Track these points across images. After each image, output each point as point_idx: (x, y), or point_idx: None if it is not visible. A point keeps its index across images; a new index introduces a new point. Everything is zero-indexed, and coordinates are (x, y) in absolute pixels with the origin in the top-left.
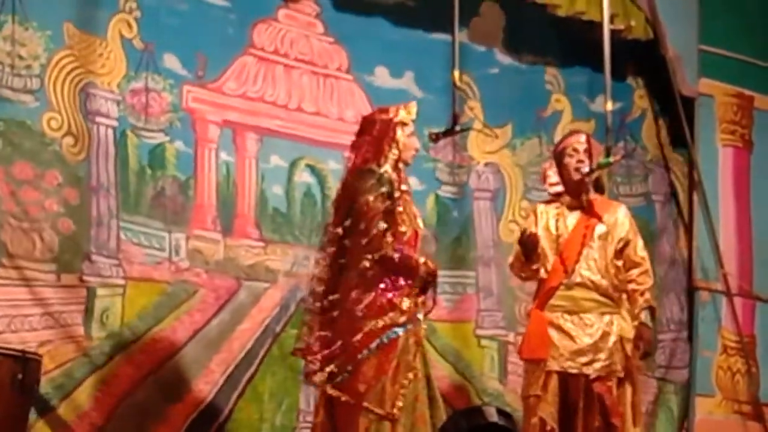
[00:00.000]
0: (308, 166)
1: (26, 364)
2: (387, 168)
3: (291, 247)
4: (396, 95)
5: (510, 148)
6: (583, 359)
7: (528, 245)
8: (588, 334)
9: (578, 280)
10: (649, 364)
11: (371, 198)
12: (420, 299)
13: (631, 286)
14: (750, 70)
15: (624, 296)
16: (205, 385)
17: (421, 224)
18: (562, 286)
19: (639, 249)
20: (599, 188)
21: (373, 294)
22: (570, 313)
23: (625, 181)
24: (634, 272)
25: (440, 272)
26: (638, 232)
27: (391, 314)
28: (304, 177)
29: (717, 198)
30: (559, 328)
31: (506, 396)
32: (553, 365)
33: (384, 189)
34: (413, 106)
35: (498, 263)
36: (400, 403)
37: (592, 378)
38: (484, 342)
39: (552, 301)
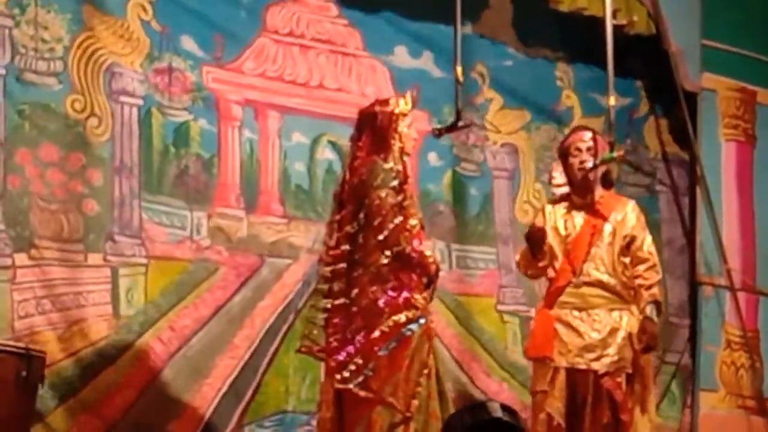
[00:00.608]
0: (330, 142)
1: (30, 361)
2: (394, 161)
3: (313, 224)
4: (416, 75)
5: (525, 130)
6: (592, 355)
7: (535, 239)
8: (596, 329)
9: (587, 279)
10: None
11: (383, 194)
12: (426, 294)
13: (638, 281)
14: (753, 64)
15: (632, 293)
16: (231, 360)
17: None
18: (571, 285)
19: (646, 245)
20: (608, 182)
21: (390, 290)
22: (578, 309)
23: (632, 170)
24: (641, 268)
25: (463, 247)
26: (646, 227)
27: (406, 312)
28: (326, 154)
29: (720, 193)
30: (567, 324)
31: (530, 369)
32: (561, 361)
33: (394, 183)
34: (410, 97)
35: (515, 241)
36: (416, 402)
37: (601, 374)
38: (506, 317)
39: (561, 299)
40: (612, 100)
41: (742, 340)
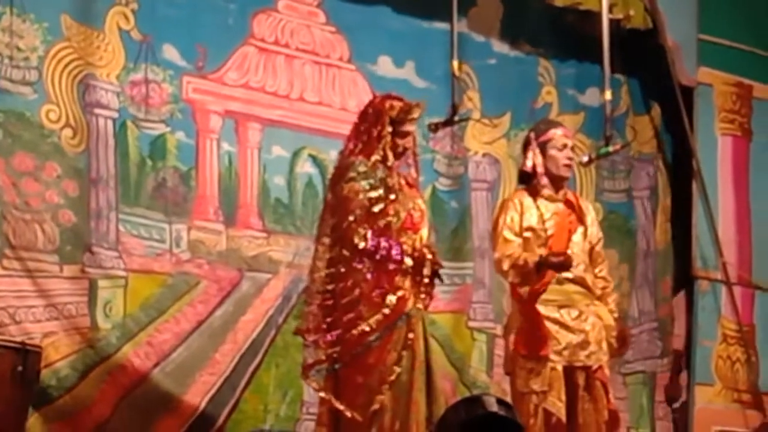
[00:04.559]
0: (310, 156)
1: (27, 356)
2: (372, 160)
3: (293, 238)
4: (398, 85)
5: (506, 139)
6: (586, 351)
7: (565, 269)
8: (586, 325)
9: (567, 275)
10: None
11: (346, 189)
12: (414, 289)
13: (601, 283)
14: (749, 59)
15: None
16: (211, 376)
17: (422, 205)
18: (553, 280)
19: (601, 246)
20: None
21: (361, 288)
22: (563, 306)
23: (609, 176)
24: (603, 269)
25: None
26: None
27: (383, 311)
28: (306, 167)
29: (716, 187)
30: (557, 322)
31: (491, 388)
32: (558, 359)
33: (369, 180)
34: (415, 104)
35: (491, 255)
36: (381, 397)
37: (595, 368)
38: (475, 335)
39: (544, 296)
40: (608, 95)
41: (738, 335)
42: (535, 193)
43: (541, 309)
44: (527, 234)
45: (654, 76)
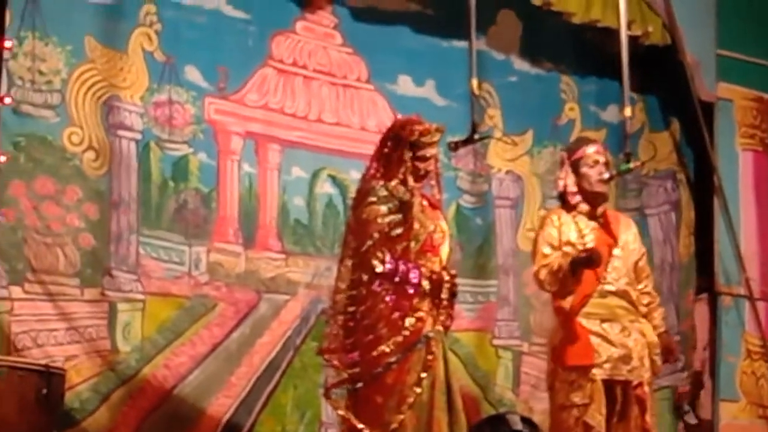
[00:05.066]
0: (330, 176)
1: (50, 378)
2: (392, 184)
3: (312, 259)
4: (418, 103)
5: (529, 156)
6: (628, 366)
7: (598, 263)
8: (629, 340)
9: (609, 288)
10: None
11: (365, 213)
12: (433, 311)
13: (647, 299)
14: None
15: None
16: (227, 399)
17: (444, 227)
18: (596, 294)
19: (647, 262)
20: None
21: (380, 311)
22: (605, 320)
23: (620, 195)
24: (648, 284)
25: (465, 281)
26: None
27: (402, 333)
28: (325, 188)
29: (737, 202)
30: (600, 335)
31: (518, 406)
32: (600, 373)
33: (388, 205)
34: (434, 127)
35: (516, 272)
36: (400, 417)
37: (635, 384)
38: (500, 352)
39: (586, 309)
40: (628, 111)
41: (762, 350)
42: (571, 210)
43: (584, 322)
44: (567, 248)
45: (673, 92)
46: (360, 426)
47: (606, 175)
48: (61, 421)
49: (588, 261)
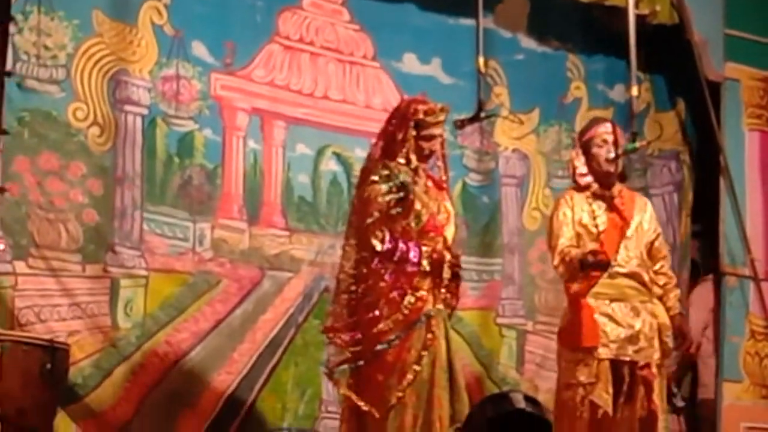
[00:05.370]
0: (335, 153)
1: (55, 353)
2: (395, 163)
3: (316, 236)
4: (424, 81)
5: (535, 134)
6: (634, 346)
7: (604, 268)
8: (637, 321)
9: (621, 270)
10: None
11: (366, 193)
12: (435, 290)
13: (663, 279)
14: None
15: (654, 287)
16: (228, 375)
17: (449, 207)
18: (605, 275)
19: (661, 243)
20: (623, 176)
21: (381, 289)
22: (614, 300)
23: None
24: (664, 265)
25: (470, 259)
26: None
27: (402, 311)
28: (330, 165)
29: (743, 183)
30: (607, 315)
31: (522, 385)
32: (606, 353)
33: (389, 183)
34: (440, 106)
35: (521, 251)
36: (399, 393)
37: (641, 365)
38: (504, 331)
39: (595, 289)
40: (635, 91)
41: (766, 331)
42: (584, 191)
43: (592, 302)
44: (579, 229)
45: (680, 72)
46: (361, 404)
47: (612, 155)
48: (64, 397)
49: (596, 267)
